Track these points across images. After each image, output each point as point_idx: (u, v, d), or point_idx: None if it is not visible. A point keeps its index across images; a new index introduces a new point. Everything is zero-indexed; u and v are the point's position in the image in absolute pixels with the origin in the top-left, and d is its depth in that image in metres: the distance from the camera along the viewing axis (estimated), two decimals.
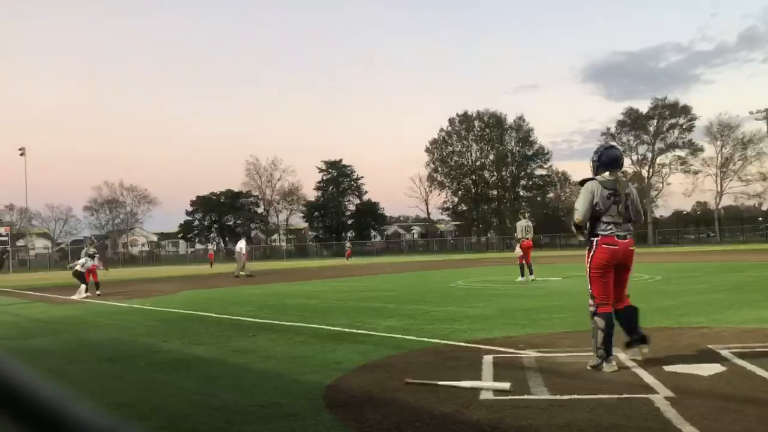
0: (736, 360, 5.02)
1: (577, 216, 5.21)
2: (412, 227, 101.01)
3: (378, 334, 7.50)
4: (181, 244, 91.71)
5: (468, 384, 4.45)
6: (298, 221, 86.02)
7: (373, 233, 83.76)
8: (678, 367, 4.86)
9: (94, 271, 16.89)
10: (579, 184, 5.41)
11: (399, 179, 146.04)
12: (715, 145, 63.08)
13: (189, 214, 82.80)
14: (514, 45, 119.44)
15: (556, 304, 9.93)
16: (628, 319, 5.23)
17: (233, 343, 7.29)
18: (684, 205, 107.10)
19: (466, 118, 75.72)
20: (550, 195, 79.52)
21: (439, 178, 76.77)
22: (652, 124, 65.63)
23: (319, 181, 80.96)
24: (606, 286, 5.09)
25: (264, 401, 4.39)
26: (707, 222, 69.03)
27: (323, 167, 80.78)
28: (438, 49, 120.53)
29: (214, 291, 17.46)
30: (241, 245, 24.57)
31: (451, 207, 77.70)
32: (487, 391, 4.35)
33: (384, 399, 4.33)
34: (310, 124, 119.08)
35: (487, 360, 5.47)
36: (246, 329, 8.65)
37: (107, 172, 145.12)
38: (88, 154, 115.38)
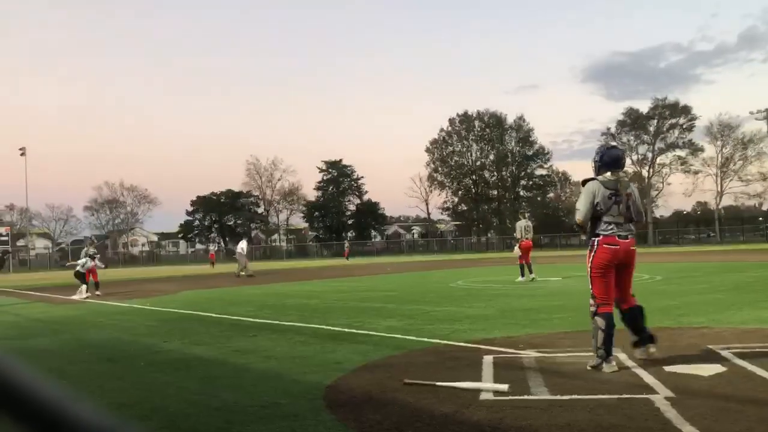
0: (737, 360, 5.02)
1: (578, 216, 5.22)
2: (413, 227, 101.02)
3: (378, 334, 7.50)
4: (182, 244, 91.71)
5: (465, 385, 4.44)
6: (299, 221, 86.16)
7: (373, 233, 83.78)
8: (678, 367, 4.86)
9: (94, 272, 16.88)
10: (581, 184, 5.42)
11: (399, 179, 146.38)
12: (715, 145, 63.22)
13: (189, 214, 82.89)
14: (515, 45, 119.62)
15: (557, 304, 9.93)
16: (634, 319, 5.23)
17: (233, 343, 7.29)
18: (684, 205, 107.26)
19: (466, 118, 75.74)
20: (551, 195, 79.60)
21: (440, 178, 76.82)
22: (652, 124, 65.66)
23: (319, 181, 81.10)
24: (607, 286, 5.09)
25: (264, 401, 4.39)
26: (707, 222, 69.04)
27: (323, 167, 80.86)
28: (438, 49, 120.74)
29: (215, 291, 17.46)
30: (243, 246, 24.83)
31: (451, 207, 77.76)
32: (486, 392, 4.35)
33: (384, 399, 4.33)
34: (310, 124, 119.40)
35: (488, 360, 5.47)
36: (246, 329, 8.65)
37: (107, 172, 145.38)
38: (89, 154, 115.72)
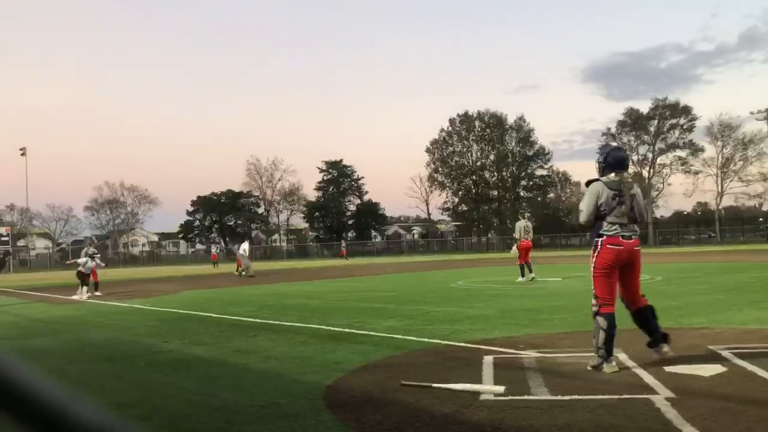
0: (737, 360, 5.02)
1: (582, 217, 5.26)
2: (413, 227, 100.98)
3: (378, 334, 7.50)
4: (182, 244, 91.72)
5: (461, 387, 4.42)
6: (299, 221, 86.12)
7: (373, 233, 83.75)
8: (678, 367, 4.86)
9: (94, 272, 16.89)
10: (585, 185, 5.43)
11: (399, 179, 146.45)
12: (715, 145, 63.16)
13: (189, 214, 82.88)
14: (515, 45, 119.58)
15: (557, 304, 9.93)
16: (646, 320, 5.23)
17: (233, 344, 7.29)
18: (684, 205, 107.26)
19: (466, 119, 75.71)
20: (551, 195, 79.56)
21: (440, 178, 76.76)
22: (652, 125, 65.63)
23: (319, 182, 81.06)
24: (610, 286, 5.09)
25: (264, 401, 4.39)
26: (708, 222, 69.01)
27: (324, 167, 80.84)
28: (438, 49, 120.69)
29: (215, 291, 17.46)
30: (245, 247, 25.42)
31: (451, 207, 77.71)
32: (482, 394, 4.34)
33: (384, 399, 4.33)
34: (310, 125, 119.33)
35: (488, 360, 5.47)
36: (246, 329, 8.65)
37: (108, 172, 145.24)
38: (89, 154, 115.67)
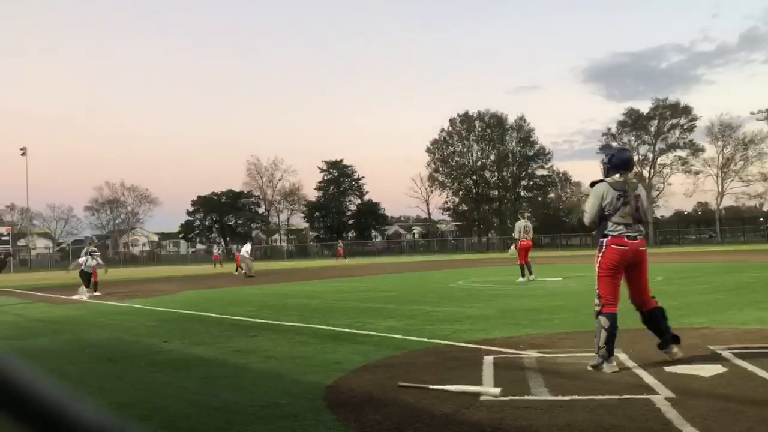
0: (737, 361, 5.02)
1: (586, 219, 5.29)
2: (413, 227, 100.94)
3: (378, 334, 7.50)
4: (182, 244, 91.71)
5: (456, 389, 4.39)
6: (299, 221, 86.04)
7: (373, 233, 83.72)
8: (679, 367, 4.86)
9: (94, 272, 16.90)
10: (589, 186, 5.44)
11: (400, 179, 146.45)
12: (716, 145, 63.09)
13: (190, 214, 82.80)
14: (515, 45, 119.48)
15: (557, 304, 9.92)
16: (655, 321, 5.22)
17: (234, 344, 7.29)
18: (685, 205, 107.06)
19: (467, 119, 75.66)
20: (551, 195, 79.50)
21: (440, 178, 76.69)
22: (653, 125, 65.56)
23: (320, 181, 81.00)
24: (614, 287, 5.09)
25: (264, 401, 4.39)
26: (708, 222, 68.99)
27: (324, 167, 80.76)
28: (438, 49, 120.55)
29: (215, 291, 17.46)
30: (247, 248, 25.87)
31: (451, 207, 77.66)
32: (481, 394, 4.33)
33: (385, 399, 4.33)
34: (310, 124, 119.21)
35: (488, 360, 5.47)
36: (246, 329, 8.65)
37: (108, 172, 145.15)
38: (89, 154, 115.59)
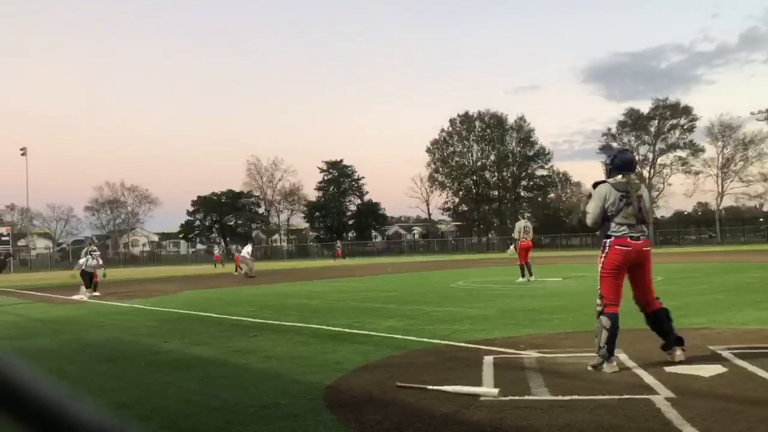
0: (737, 361, 5.02)
1: (588, 220, 5.29)
2: (413, 227, 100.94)
3: (378, 334, 7.50)
4: (182, 244, 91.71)
5: (453, 389, 4.38)
6: (299, 221, 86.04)
7: (374, 233, 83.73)
8: (679, 367, 4.85)
9: (94, 272, 16.89)
10: (592, 187, 5.44)
11: (400, 180, 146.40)
12: (716, 145, 63.13)
13: (190, 214, 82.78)
14: (515, 45, 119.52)
15: (557, 304, 9.92)
16: (659, 322, 5.21)
17: (234, 344, 7.29)
18: (685, 205, 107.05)
19: (467, 119, 75.68)
20: (551, 195, 79.53)
21: (440, 178, 76.71)
22: (653, 125, 65.60)
23: (320, 182, 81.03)
24: (616, 287, 5.08)
25: (264, 401, 4.39)
26: (708, 223, 69.01)
27: (324, 167, 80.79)
28: (438, 48, 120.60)
29: (215, 291, 17.46)
30: (248, 250, 26.16)
31: (452, 207, 77.69)
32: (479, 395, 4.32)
33: (385, 399, 4.33)
34: (310, 125, 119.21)
35: (488, 360, 5.47)
36: (246, 329, 8.65)
37: (108, 172, 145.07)
38: (89, 154, 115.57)
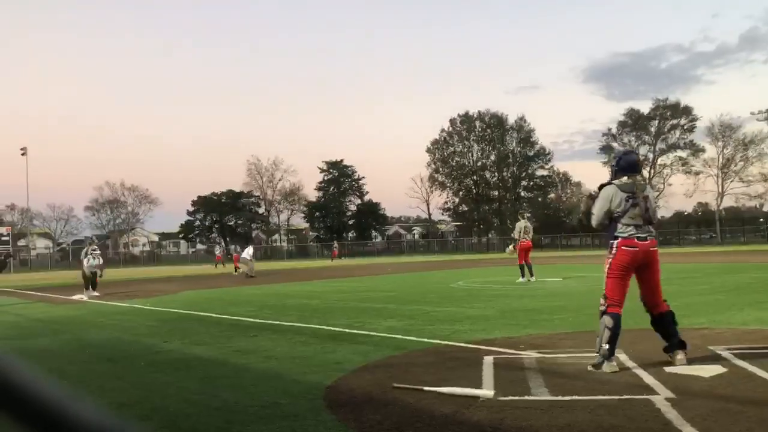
0: (737, 361, 5.02)
1: (593, 221, 5.30)
2: (413, 228, 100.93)
3: (378, 334, 7.50)
4: (182, 244, 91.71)
5: (451, 390, 4.37)
6: (299, 221, 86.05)
7: (374, 233, 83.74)
8: (679, 368, 4.85)
9: (97, 271, 16.90)
10: (597, 189, 5.45)
11: (400, 180, 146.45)
12: (716, 145, 63.19)
13: (190, 214, 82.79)
14: (515, 45, 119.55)
15: (557, 304, 9.92)
16: (665, 325, 5.20)
17: (234, 344, 7.29)
18: (685, 205, 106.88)
19: (467, 119, 75.69)
20: (551, 195, 79.56)
21: (440, 178, 76.72)
22: (653, 125, 65.69)
23: (320, 182, 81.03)
24: (621, 288, 5.07)
25: (264, 401, 4.39)
26: (708, 223, 69.00)
27: (324, 167, 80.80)
28: (438, 48, 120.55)
29: (215, 291, 17.46)
30: (249, 251, 26.34)
31: (452, 207, 77.69)
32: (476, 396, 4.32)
33: (384, 399, 4.33)
34: (310, 125, 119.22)
35: (488, 361, 5.47)
36: (246, 329, 8.65)
37: (108, 172, 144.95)
38: (90, 154, 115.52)
